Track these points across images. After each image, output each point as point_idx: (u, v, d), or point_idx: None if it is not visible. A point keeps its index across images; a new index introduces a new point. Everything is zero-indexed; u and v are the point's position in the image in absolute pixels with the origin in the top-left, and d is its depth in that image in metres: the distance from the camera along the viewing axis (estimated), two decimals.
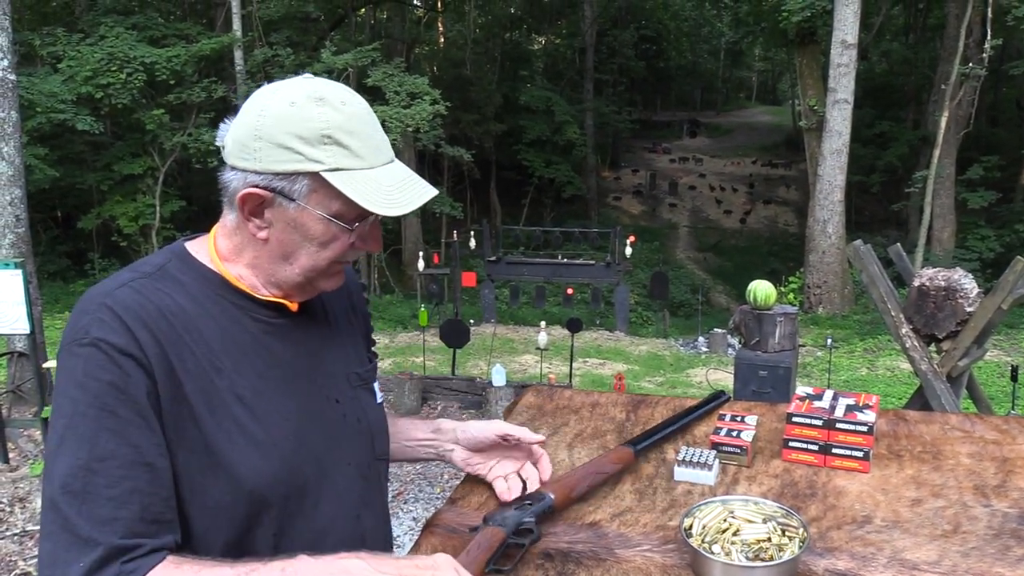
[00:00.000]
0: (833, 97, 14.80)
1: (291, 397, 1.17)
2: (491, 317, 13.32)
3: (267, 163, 1.09)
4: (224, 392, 1.10)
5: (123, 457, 1.01)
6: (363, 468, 1.27)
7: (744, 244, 27.06)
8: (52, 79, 13.68)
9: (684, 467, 1.38)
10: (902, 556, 1.11)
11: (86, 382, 1.03)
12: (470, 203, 24.66)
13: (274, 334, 1.19)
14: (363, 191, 1.08)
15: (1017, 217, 18.51)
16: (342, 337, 1.31)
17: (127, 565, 0.98)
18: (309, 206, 1.10)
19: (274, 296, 1.19)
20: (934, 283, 4.69)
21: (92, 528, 0.98)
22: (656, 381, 9.30)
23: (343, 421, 1.24)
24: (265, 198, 1.10)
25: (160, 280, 1.13)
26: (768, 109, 47.75)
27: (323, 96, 1.10)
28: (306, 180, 1.09)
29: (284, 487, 1.13)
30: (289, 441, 1.15)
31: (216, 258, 1.18)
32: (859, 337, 12.15)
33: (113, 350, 1.03)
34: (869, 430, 1.38)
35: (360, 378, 1.30)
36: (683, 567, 1.11)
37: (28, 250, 6.90)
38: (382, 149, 1.14)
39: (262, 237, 1.14)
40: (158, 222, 15.69)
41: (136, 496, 1.01)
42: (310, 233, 1.12)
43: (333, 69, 14.88)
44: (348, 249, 1.15)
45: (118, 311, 1.06)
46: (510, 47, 30.08)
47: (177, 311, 1.10)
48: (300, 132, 1.08)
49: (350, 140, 1.09)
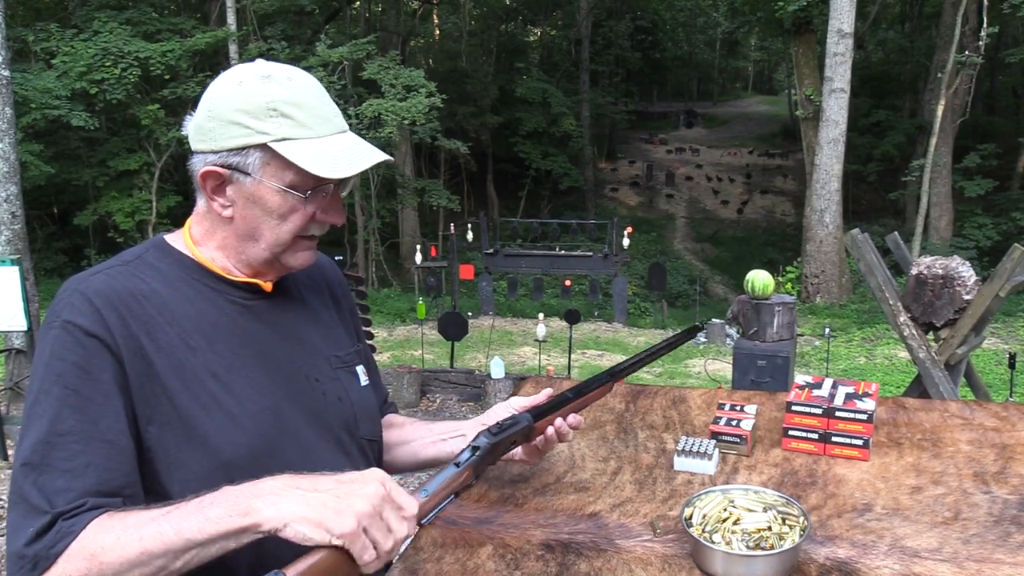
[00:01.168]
0: (829, 86, 14.78)
1: (266, 374, 1.19)
2: (489, 309, 13.31)
3: (221, 141, 1.14)
4: (198, 369, 1.13)
5: (82, 433, 1.04)
6: (345, 445, 1.27)
7: (741, 234, 27.06)
8: (46, 75, 13.62)
9: (684, 457, 1.38)
10: (903, 544, 1.11)
11: (52, 362, 1.07)
12: (467, 196, 24.65)
13: (248, 314, 1.22)
14: (309, 158, 1.12)
15: (1014, 205, 18.52)
16: (320, 322, 1.33)
17: (66, 522, 1.00)
18: (264, 179, 1.14)
19: (246, 276, 1.23)
20: (932, 271, 4.69)
21: (42, 498, 1.01)
22: (655, 372, 9.30)
23: (323, 399, 1.26)
24: (223, 175, 1.16)
25: (136, 267, 1.18)
26: (765, 99, 47.68)
27: (269, 74, 1.16)
28: (258, 153, 1.14)
29: (261, 459, 1.14)
30: (265, 415, 1.17)
31: (191, 244, 1.23)
32: (857, 326, 12.16)
33: (79, 331, 1.07)
34: (869, 418, 1.38)
35: (341, 360, 1.32)
36: (684, 557, 1.11)
37: (24, 247, 6.89)
38: (331, 120, 1.18)
39: (227, 216, 1.18)
40: (154, 217, 15.66)
41: (92, 470, 1.04)
42: (268, 206, 1.16)
43: (328, 62, 14.83)
44: (309, 221, 1.19)
45: (89, 295, 1.10)
46: (506, 39, 30.02)
47: (150, 294, 1.15)
48: (247, 107, 1.13)
49: (295, 111, 1.14)
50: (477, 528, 1.22)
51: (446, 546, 1.18)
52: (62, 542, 0.99)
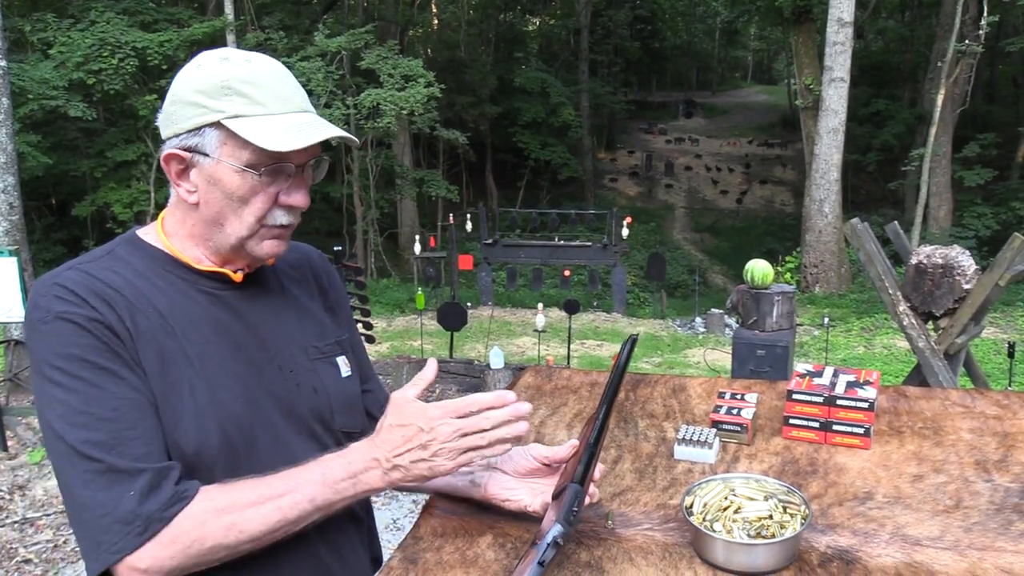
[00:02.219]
0: (829, 76, 14.74)
1: (239, 363, 1.19)
2: (488, 300, 13.31)
3: (180, 123, 1.15)
4: (176, 354, 1.14)
5: (133, 401, 1.08)
6: (319, 437, 1.26)
7: (741, 224, 27.05)
8: (43, 65, 13.57)
9: (684, 446, 1.37)
10: (904, 532, 1.11)
11: (67, 351, 1.07)
12: (466, 186, 24.63)
13: (219, 304, 1.22)
14: (259, 132, 1.11)
15: (1013, 195, 18.51)
16: (301, 312, 1.32)
17: (180, 486, 1.06)
18: (223, 159, 1.14)
19: (215, 265, 1.22)
20: (931, 261, 4.68)
21: (131, 462, 1.04)
22: (654, 362, 9.31)
23: (296, 390, 1.24)
24: (185, 159, 1.16)
25: (108, 261, 1.19)
26: (764, 89, 47.60)
27: (227, 56, 1.16)
28: (213, 132, 1.13)
29: (233, 445, 1.15)
30: (237, 403, 1.17)
31: (163, 236, 1.23)
32: (856, 316, 12.17)
33: (81, 318, 1.08)
34: (870, 406, 1.38)
35: (319, 351, 1.30)
36: (684, 545, 1.10)
37: (23, 238, 6.88)
38: (289, 99, 1.16)
39: (193, 202, 1.18)
40: (153, 208, 15.62)
41: (156, 432, 1.09)
42: (228, 188, 1.15)
43: (326, 52, 14.78)
44: (272, 205, 1.17)
45: (71, 287, 1.11)
46: (504, 28, 29.94)
47: (124, 285, 1.15)
48: (203, 87, 1.14)
49: (250, 89, 1.13)
50: (477, 517, 1.21)
51: (446, 535, 1.17)
52: (178, 504, 1.04)
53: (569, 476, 1.10)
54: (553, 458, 1.20)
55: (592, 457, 1.12)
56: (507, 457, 1.24)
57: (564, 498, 1.06)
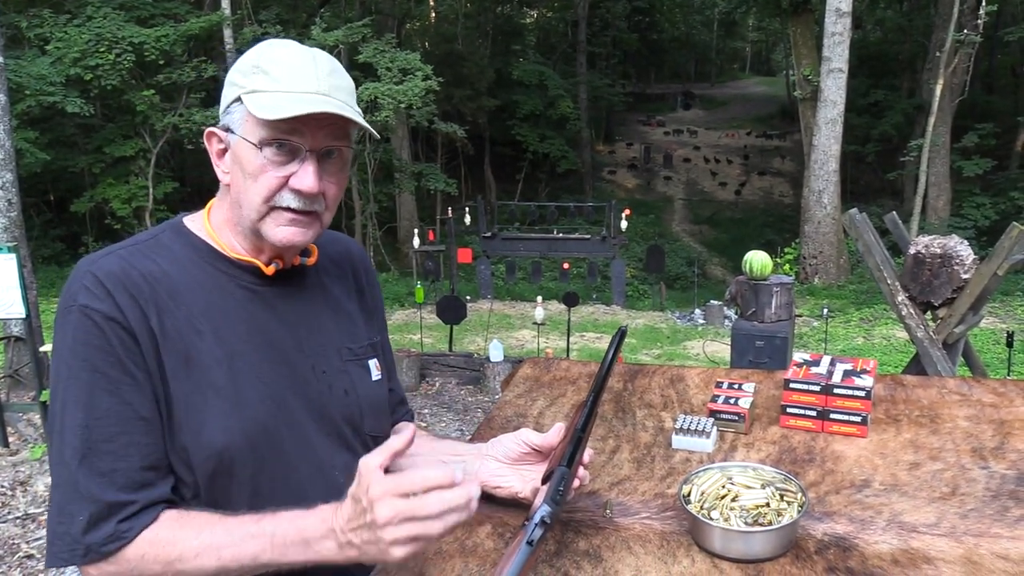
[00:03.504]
0: (827, 66, 14.72)
1: (271, 363, 1.18)
2: (487, 293, 13.31)
3: (223, 104, 1.17)
4: (203, 354, 1.13)
5: (118, 414, 1.08)
6: (348, 440, 1.25)
7: (739, 216, 27.03)
8: (40, 61, 13.53)
9: (682, 435, 1.38)
10: (901, 519, 1.11)
11: (76, 347, 1.09)
12: (464, 179, 24.60)
13: (258, 301, 1.21)
14: (261, 103, 1.10)
15: (1012, 184, 18.50)
16: (338, 312, 1.31)
17: (122, 525, 1.06)
18: (242, 135, 1.14)
19: (247, 254, 1.21)
20: (930, 251, 4.69)
21: (91, 482, 1.06)
22: (653, 354, 9.32)
23: (328, 391, 1.23)
24: (223, 138, 1.17)
25: (150, 247, 1.18)
26: (762, 80, 47.50)
27: (273, 42, 1.16)
28: (239, 108, 1.14)
29: (258, 448, 1.14)
30: (265, 404, 1.16)
31: (208, 226, 1.22)
32: (855, 306, 12.17)
33: (98, 315, 1.08)
34: (867, 395, 1.38)
35: (353, 353, 1.29)
36: (682, 534, 1.11)
37: (21, 234, 6.87)
38: (311, 81, 1.12)
39: (226, 183, 1.18)
40: (151, 204, 15.60)
41: (134, 448, 1.08)
42: (243, 164, 1.14)
43: (324, 46, 14.72)
44: (281, 187, 1.14)
45: (100, 277, 1.10)
46: (502, 21, 29.85)
47: (161, 276, 1.14)
48: (241, 68, 1.15)
49: (274, 67, 1.12)
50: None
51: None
52: (114, 543, 1.05)
53: (558, 460, 1.10)
54: (543, 445, 1.20)
55: (580, 441, 1.12)
56: (497, 443, 1.25)
57: (552, 480, 1.07)
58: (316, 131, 1.12)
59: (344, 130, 1.17)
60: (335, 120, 1.13)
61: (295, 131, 1.11)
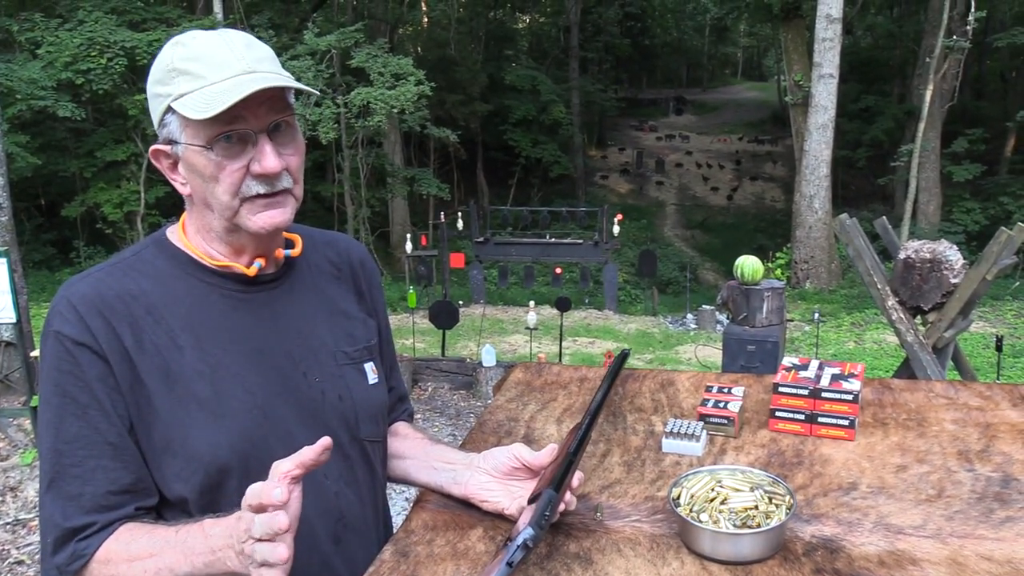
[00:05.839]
0: (818, 72, 14.79)
1: (258, 371, 1.17)
2: (480, 298, 13.32)
3: (154, 119, 1.15)
4: (185, 369, 1.13)
5: (86, 439, 1.10)
6: (343, 446, 1.24)
7: (731, 221, 27.10)
8: (31, 65, 13.48)
9: (672, 439, 1.38)
10: (887, 521, 1.13)
11: (50, 373, 1.11)
12: (457, 184, 24.59)
13: (242, 308, 1.19)
14: (193, 104, 1.08)
15: (1002, 190, 18.60)
16: (333, 314, 1.29)
17: (80, 544, 1.09)
18: (187, 142, 1.12)
19: (226, 259, 1.20)
20: (920, 255, 4.72)
21: (55, 506, 1.09)
22: (646, 359, 9.33)
23: (321, 398, 1.22)
24: (167, 152, 1.15)
25: (132, 264, 1.18)
26: (754, 85, 47.68)
27: (177, 40, 1.14)
28: (173, 117, 1.12)
29: (246, 459, 1.13)
30: (252, 414, 1.15)
31: (183, 235, 1.22)
32: (846, 311, 12.22)
33: (69, 341, 1.10)
34: (854, 399, 1.39)
35: (348, 356, 1.28)
36: (672, 536, 1.12)
37: (12, 239, 6.85)
38: (230, 64, 1.09)
39: (188, 193, 1.17)
40: (143, 208, 15.55)
41: (100, 472, 1.09)
42: (199, 170, 1.12)
43: (316, 51, 14.74)
44: (242, 178, 1.12)
45: (74, 302, 1.12)
46: (494, 26, 29.91)
47: (139, 294, 1.14)
48: (157, 76, 1.13)
49: (192, 65, 1.10)
50: (468, 511, 1.23)
51: (437, 528, 1.18)
52: (76, 562, 1.09)
53: (547, 482, 1.09)
54: (534, 463, 1.18)
55: (571, 465, 1.11)
56: (489, 455, 1.23)
57: (539, 503, 1.05)
58: (257, 110, 1.10)
59: (283, 100, 1.14)
60: (272, 93, 1.10)
61: (237, 118, 1.08)
